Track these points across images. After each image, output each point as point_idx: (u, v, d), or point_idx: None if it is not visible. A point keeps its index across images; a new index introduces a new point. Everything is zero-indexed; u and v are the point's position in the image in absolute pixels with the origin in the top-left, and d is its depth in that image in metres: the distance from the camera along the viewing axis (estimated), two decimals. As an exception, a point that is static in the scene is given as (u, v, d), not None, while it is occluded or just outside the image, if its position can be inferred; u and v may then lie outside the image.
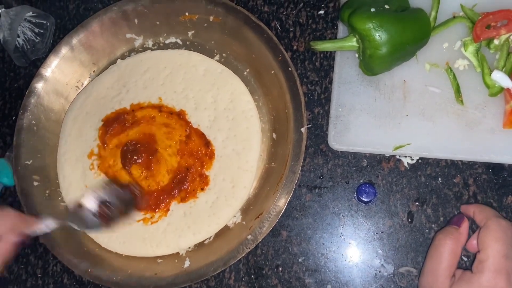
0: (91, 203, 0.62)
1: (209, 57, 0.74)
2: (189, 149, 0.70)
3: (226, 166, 0.69)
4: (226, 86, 0.72)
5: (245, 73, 0.72)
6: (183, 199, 0.69)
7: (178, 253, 0.68)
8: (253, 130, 0.70)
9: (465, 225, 0.58)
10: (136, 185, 0.69)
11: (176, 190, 0.69)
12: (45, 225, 0.59)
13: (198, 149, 0.69)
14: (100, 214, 0.62)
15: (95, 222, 0.62)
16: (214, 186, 0.69)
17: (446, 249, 0.56)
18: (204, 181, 0.69)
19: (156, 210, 0.69)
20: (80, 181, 0.72)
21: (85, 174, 0.73)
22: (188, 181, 0.69)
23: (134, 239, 0.69)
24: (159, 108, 0.72)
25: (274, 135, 0.69)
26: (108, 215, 0.62)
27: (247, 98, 0.71)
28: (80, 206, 0.62)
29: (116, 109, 0.74)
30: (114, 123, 0.73)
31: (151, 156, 0.70)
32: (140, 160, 0.69)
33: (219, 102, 0.71)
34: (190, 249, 0.68)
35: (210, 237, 0.68)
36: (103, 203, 0.62)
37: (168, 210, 0.69)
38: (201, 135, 0.70)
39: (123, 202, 0.64)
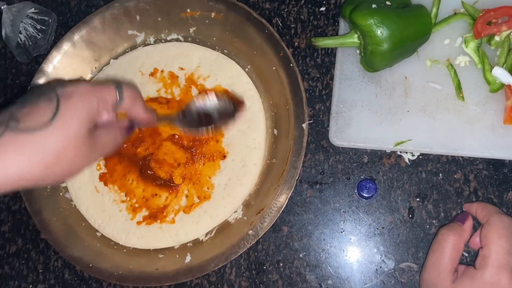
0: (194, 110, 0.65)
1: (201, 46, 0.75)
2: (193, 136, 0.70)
3: (234, 146, 0.69)
4: (223, 71, 0.72)
5: (247, 69, 0.72)
6: (195, 184, 0.69)
7: (180, 247, 0.69)
8: (255, 108, 0.70)
9: (469, 223, 0.59)
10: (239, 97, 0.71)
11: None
12: (153, 116, 0.61)
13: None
14: (201, 122, 0.65)
15: (196, 128, 0.66)
16: (224, 168, 0.69)
17: (449, 244, 0.56)
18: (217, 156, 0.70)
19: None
20: (89, 183, 0.72)
21: (93, 175, 0.73)
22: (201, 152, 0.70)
23: (151, 232, 0.69)
24: (158, 100, 0.73)
25: (275, 131, 0.70)
26: (208, 123, 0.65)
27: (245, 80, 0.72)
28: (183, 112, 0.65)
29: None
30: None
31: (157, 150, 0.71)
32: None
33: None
34: (191, 244, 0.68)
35: (212, 232, 0.68)
36: (204, 112, 0.66)
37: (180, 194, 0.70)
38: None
39: (223, 111, 0.66)
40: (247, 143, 0.69)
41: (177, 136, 0.70)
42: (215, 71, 0.73)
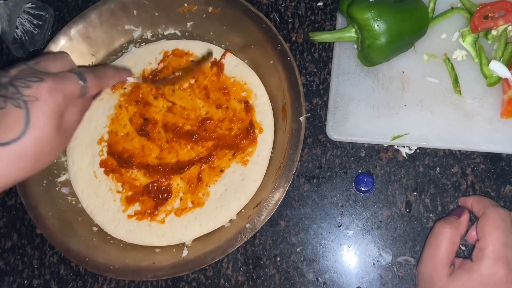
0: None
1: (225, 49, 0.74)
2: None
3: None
4: (242, 79, 0.71)
5: (244, 62, 0.72)
6: (191, 187, 0.69)
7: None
8: (266, 124, 0.69)
9: (465, 217, 0.59)
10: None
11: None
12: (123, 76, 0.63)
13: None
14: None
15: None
16: (223, 178, 0.68)
17: (445, 237, 0.56)
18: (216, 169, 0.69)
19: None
20: (89, 167, 0.72)
21: (94, 160, 0.72)
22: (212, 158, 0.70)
23: (140, 228, 0.69)
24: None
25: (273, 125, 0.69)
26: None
27: (261, 92, 0.70)
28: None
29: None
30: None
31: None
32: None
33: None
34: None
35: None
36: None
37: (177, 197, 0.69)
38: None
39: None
40: (251, 158, 0.68)
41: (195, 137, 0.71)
42: (233, 76, 0.72)
